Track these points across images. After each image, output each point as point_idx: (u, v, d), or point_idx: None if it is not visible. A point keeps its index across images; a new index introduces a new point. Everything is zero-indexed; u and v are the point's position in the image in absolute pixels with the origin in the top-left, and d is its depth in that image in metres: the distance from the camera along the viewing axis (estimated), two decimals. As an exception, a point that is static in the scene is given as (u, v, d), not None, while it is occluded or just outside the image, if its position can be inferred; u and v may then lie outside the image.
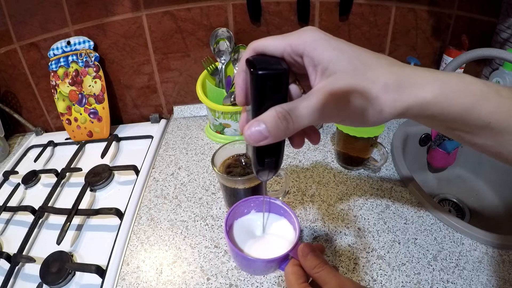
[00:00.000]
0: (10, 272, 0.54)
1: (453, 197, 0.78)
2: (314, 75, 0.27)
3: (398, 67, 0.26)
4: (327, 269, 0.32)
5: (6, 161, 0.83)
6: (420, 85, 0.25)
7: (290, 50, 0.27)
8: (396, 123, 0.76)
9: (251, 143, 0.26)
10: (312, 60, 0.26)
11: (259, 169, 0.31)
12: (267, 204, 0.41)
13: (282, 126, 0.25)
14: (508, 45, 0.69)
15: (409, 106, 0.25)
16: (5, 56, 0.80)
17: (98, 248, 0.57)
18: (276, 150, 0.30)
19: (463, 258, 0.49)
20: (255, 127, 0.25)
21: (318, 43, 0.26)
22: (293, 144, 0.31)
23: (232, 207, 0.40)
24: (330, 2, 0.72)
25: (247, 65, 0.27)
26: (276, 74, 0.26)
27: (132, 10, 0.73)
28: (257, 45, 0.28)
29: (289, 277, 0.33)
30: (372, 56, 0.26)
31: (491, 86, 0.26)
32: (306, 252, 0.33)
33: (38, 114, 0.90)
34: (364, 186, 0.62)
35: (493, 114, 0.25)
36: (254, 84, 0.26)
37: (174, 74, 0.83)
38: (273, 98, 0.26)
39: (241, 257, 0.36)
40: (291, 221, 0.40)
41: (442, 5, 0.72)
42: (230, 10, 0.74)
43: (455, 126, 0.27)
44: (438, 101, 0.25)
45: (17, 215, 0.67)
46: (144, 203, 0.63)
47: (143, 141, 0.80)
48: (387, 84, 0.25)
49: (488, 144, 0.27)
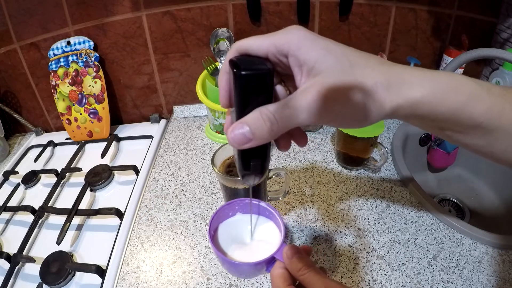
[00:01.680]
0: (10, 272, 0.54)
1: (453, 197, 0.77)
2: (299, 75, 0.26)
3: (387, 66, 0.25)
4: (312, 272, 0.31)
5: (6, 161, 0.83)
6: (410, 84, 0.24)
7: (275, 50, 0.26)
8: (396, 123, 0.76)
9: (235, 146, 0.25)
10: (298, 59, 0.25)
11: (244, 173, 0.30)
12: (254, 206, 0.40)
13: (266, 128, 0.24)
14: (508, 45, 0.69)
15: (399, 106, 0.25)
16: (5, 56, 0.80)
17: (98, 248, 0.57)
18: (261, 153, 0.29)
19: (463, 258, 0.49)
20: (238, 129, 0.24)
21: (303, 42, 0.25)
22: (279, 147, 0.31)
23: (216, 211, 0.39)
24: (330, 2, 0.72)
25: (230, 65, 0.26)
26: (260, 74, 0.25)
27: (132, 10, 0.73)
28: (240, 45, 0.27)
29: (274, 280, 0.32)
30: (361, 56, 0.26)
31: (483, 85, 0.25)
32: (290, 255, 0.32)
33: (38, 114, 0.90)
34: (364, 186, 0.62)
35: (485, 113, 0.25)
36: (238, 85, 0.25)
37: (174, 74, 0.83)
38: (257, 99, 0.25)
39: (226, 262, 0.35)
40: (276, 223, 0.39)
41: (442, 5, 0.72)
42: (230, 10, 0.74)
43: (446, 126, 0.26)
44: (428, 100, 0.24)
45: (17, 215, 0.67)
46: (144, 203, 0.63)
47: (143, 141, 0.80)
48: (375, 84, 0.24)
49: (480, 144, 0.27)
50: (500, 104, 0.25)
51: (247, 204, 0.40)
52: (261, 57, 0.27)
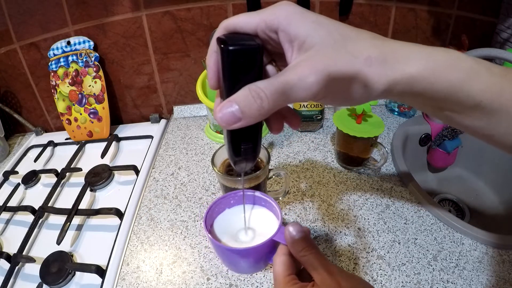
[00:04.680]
0: (10, 272, 0.54)
1: (453, 197, 0.77)
2: (290, 51, 0.25)
3: (382, 40, 0.25)
4: (315, 254, 0.30)
5: (6, 161, 0.83)
6: (406, 59, 0.24)
7: (264, 26, 0.25)
8: (396, 123, 0.76)
9: (224, 126, 0.24)
10: (288, 35, 0.24)
11: (236, 160, 0.29)
12: (249, 197, 0.40)
13: (256, 105, 0.23)
14: (508, 45, 0.69)
15: (395, 81, 0.24)
16: (5, 56, 0.80)
17: (98, 248, 0.57)
18: (252, 135, 0.28)
19: (463, 258, 0.49)
20: (226, 108, 0.23)
21: (293, 16, 0.24)
22: (271, 129, 0.30)
23: (211, 205, 0.39)
24: (330, 2, 0.72)
25: (218, 43, 0.25)
26: (249, 49, 0.24)
27: (132, 10, 0.73)
28: (228, 23, 0.26)
29: (276, 268, 0.31)
30: (353, 29, 0.25)
31: (482, 63, 0.24)
32: (294, 233, 0.31)
33: (38, 114, 0.90)
34: (364, 186, 0.62)
35: (484, 92, 0.24)
36: (225, 61, 0.24)
37: (174, 74, 0.83)
38: (246, 77, 0.24)
39: (227, 251, 0.35)
40: (273, 210, 0.39)
41: (442, 5, 0.72)
42: (230, 10, 0.74)
43: (444, 105, 0.25)
44: (424, 76, 0.23)
45: (17, 215, 0.67)
46: (144, 203, 0.63)
47: (143, 141, 0.80)
48: (370, 58, 0.23)
49: (479, 125, 0.26)
50: (500, 83, 0.24)
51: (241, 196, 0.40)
52: (250, 34, 0.26)
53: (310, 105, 0.72)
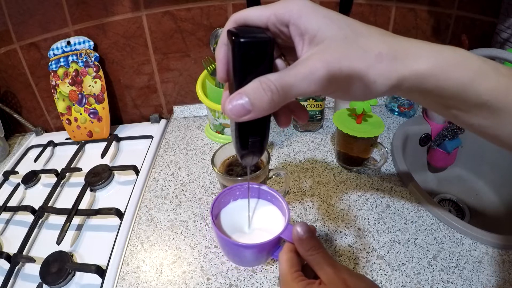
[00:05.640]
0: (10, 272, 0.54)
1: (453, 197, 0.77)
2: (301, 45, 0.25)
3: (392, 37, 0.25)
4: (322, 253, 0.30)
5: (6, 161, 0.83)
6: (415, 56, 0.24)
7: (275, 20, 0.25)
8: (396, 123, 0.76)
9: (233, 118, 0.24)
10: (299, 28, 0.24)
11: (243, 153, 0.29)
12: (255, 191, 0.39)
13: (267, 98, 0.23)
14: (508, 45, 0.69)
15: (404, 78, 0.24)
16: (5, 56, 0.80)
17: (98, 248, 0.57)
18: (260, 128, 0.28)
19: (463, 258, 0.49)
20: (237, 100, 0.23)
21: (305, 10, 0.24)
22: (279, 122, 0.30)
23: (216, 197, 0.38)
24: (330, 1, 0.72)
25: (228, 35, 0.25)
26: (260, 42, 0.24)
27: (132, 10, 0.73)
28: (239, 16, 0.26)
29: (282, 265, 0.32)
30: (363, 25, 0.25)
31: (489, 63, 0.25)
32: (302, 233, 0.31)
33: (38, 114, 0.90)
34: (364, 186, 0.62)
35: (491, 91, 0.24)
36: (236, 53, 0.24)
37: (174, 74, 0.83)
38: (257, 69, 0.24)
39: (231, 244, 0.35)
40: (279, 206, 0.39)
41: (442, 5, 0.72)
42: (230, 10, 0.74)
43: (451, 103, 0.25)
44: (433, 73, 0.24)
45: (17, 215, 0.67)
46: (144, 203, 0.63)
47: (143, 141, 0.80)
48: (380, 54, 0.24)
49: (484, 125, 0.26)
50: (506, 83, 0.24)
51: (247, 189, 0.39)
52: (261, 27, 0.26)
53: (310, 105, 0.72)
